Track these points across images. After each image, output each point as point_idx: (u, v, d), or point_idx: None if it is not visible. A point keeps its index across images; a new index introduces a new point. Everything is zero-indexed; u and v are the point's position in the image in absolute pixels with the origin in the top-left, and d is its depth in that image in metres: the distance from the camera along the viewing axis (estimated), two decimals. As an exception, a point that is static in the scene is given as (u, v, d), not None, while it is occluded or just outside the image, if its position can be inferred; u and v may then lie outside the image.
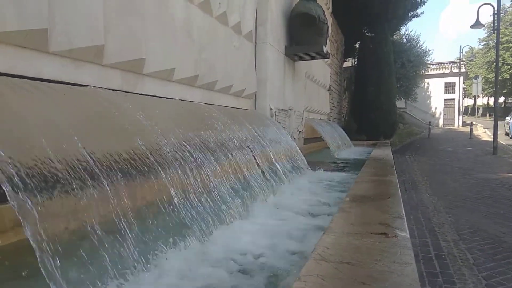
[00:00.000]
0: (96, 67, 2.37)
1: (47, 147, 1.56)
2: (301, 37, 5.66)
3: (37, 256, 1.19)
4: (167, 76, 3.01)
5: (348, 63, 17.35)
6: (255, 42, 4.99)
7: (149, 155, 2.09)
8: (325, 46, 5.95)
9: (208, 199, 2.20)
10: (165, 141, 2.32)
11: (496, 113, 11.95)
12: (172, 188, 2.05)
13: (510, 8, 33.68)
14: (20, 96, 1.71)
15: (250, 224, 2.24)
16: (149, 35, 2.71)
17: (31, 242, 1.19)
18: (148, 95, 2.85)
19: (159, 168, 2.05)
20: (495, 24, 10.45)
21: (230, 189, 2.55)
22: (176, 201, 1.93)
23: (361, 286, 0.88)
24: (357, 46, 16.50)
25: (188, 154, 2.40)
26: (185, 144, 2.50)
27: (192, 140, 2.62)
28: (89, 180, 1.64)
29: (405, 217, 1.56)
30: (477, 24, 12.17)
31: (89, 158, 1.71)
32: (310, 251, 1.16)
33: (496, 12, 10.16)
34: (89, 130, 1.95)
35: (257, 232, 2.04)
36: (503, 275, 3.22)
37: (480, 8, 12.84)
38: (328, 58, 6.85)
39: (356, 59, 16.92)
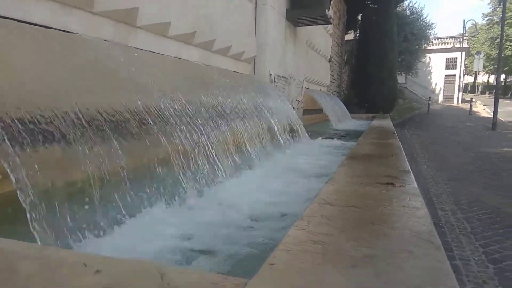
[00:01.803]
0: (86, 14, 2.21)
1: (37, 97, 1.45)
2: (303, 0, 5.43)
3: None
4: (162, 30, 2.85)
5: (350, 35, 16.92)
6: (256, 4, 4.78)
7: (149, 118, 1.98)
8: (328, 10, 5.73)
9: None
10: (166, 103, 2.20)
11: (497, 89, 11.80)
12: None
13: (517, -18, 32.74)
14: (6, 39, 1.58)
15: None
16: (143, -16, 2.53)
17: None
18: (142, 49, 2.70)
19: (160, 133, 1.95)
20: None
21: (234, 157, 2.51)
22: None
23: (370, 226, 0.80)
24: (359, 18, 16.08)
25: (189, 120, 2.29)
26: (187, 108, 2.39)
27: (194, 104, 2.51)
28: (92, 136, 1.55)
29: (411, 172, 1.48)
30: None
31: (81, 114, 1.60)
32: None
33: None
34: (82, 82, 1.83)
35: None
36: (500, 244, 3.20)
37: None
38: (331, 23, 6.63)
39: (358, 32, 16.50)
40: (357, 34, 16.64)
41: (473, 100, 21.53)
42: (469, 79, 49.98)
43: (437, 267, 0.62)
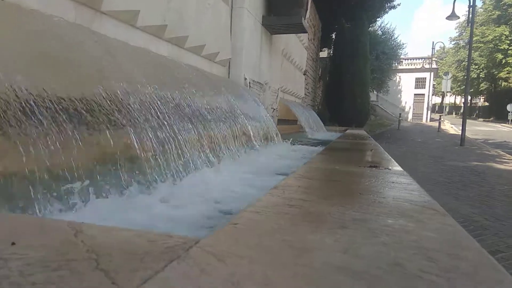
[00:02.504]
0: (43, -9, 2.01)
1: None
2: (280, 7, 5.39)
3: None
4: (130, 19, 2.67)
5: (324, 53, 17.27)
6: (232, 6, 4.69)
7: (115, 111, 1.78)
8: (304, 19, 5.72)
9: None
10: (134, 96, 2.01)
11: (465, 106, 12.21)
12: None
13: (481, 9, 34.76)
14: None
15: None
16: (109, -34, 2.36)
17: None
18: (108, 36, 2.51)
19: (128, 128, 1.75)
20: (470, 17, 10.58)
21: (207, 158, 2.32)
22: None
23: (358, 196, 0.66)
24: (334, 37, 16.47)
25: (160, 118, 2.09)
26: (157, 103, 2.19)
27: (164, 99, 2.32)
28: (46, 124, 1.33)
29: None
30: (452, 16, 12.33)
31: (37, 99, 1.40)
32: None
33: (471, 5, 10.28)
34: (40, 64, 1.62)
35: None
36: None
37: (455, 3, 13.01)
38: (307, 32, 6.63)
39: (332, 49, 16.89)
40: (331, 52, 17.01)
41: (442, 118, 22.27)
42: (437, 99, 52.00)
43: (451, 230, 0.48)
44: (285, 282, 0.48)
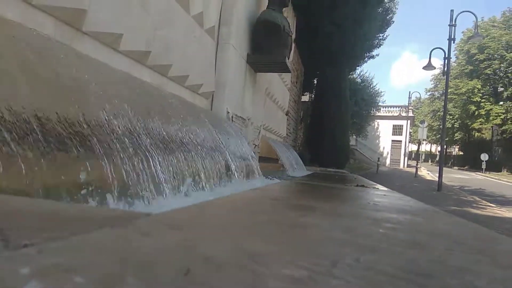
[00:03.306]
0: (22, 4, 1.94)
1: None
2: (264, 45, 5.50)
3: None
4: (112, 42, 2.62)
5: (306, 97, 17.77)
6: (217, 42, 4.74)
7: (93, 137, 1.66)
8: (289, 59, 5.85)
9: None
10: (116, 123, 1.90)
11: (442, 153, 12.54)
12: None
13: (454, 63, 36.91)
14: None
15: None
16: (95, -13, 2.33)
17: None
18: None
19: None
20: (445, 69, 11.13)
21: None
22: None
23: (348, 200, 0.58)
24: (315, 82, 17.06)
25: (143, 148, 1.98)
26: (139, 133, 2.09)
27: (150, 129, 2.22)
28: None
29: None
30: (429, 66, 12.96)
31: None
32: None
33: (446, 56, 10.86)
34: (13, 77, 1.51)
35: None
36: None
37: (434, 52, 13.78)
38: (290, 72, 6.77)
39: (313, 93, 17.41)
40: (313, 96, 17.51)
41: (418, 165, 22.77)
42: (413, 147, 53.58)
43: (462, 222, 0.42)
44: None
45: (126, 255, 0.47)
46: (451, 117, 38.08)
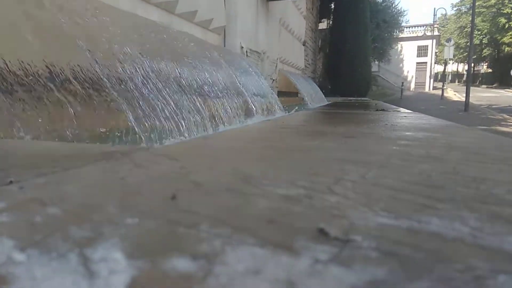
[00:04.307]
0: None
1: None
2: (275, -30, 5.15)
3: None
4: (115, -19, 2.51)
5: (323, 24, 16.85)
6: (224, -30, 4.47)
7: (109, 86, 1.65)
8: (301, -17, 5.48)
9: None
10: (127, 68, 1.87)
11: (469, 72, 11.98)
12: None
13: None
14: None
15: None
16: None
17: None
18: None
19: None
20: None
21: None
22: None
23: (364, 123, 0.57)
24: (333, 7, 16.05)
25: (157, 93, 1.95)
26: (151, 76, 2.06)
27: (162, 72, 2.17)
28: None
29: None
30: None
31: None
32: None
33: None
34: (15, 29, 1.49)
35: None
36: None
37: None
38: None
39: (331, 20, 16.49)
40: (331, 22, 16.60)
41: (444, 86, 21.95)
42: (439, 68, 51.22)
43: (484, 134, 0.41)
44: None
45: (112, 186, 0.48)
46: (479, 32, 35.64)
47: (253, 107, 3.04)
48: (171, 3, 3.22)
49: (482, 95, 22.36)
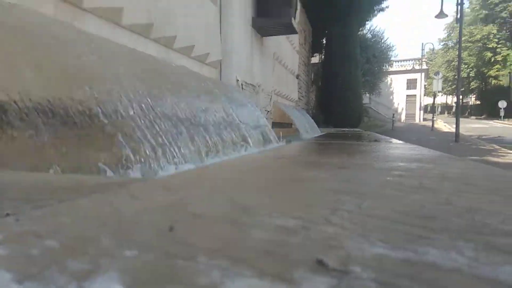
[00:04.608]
0: (19, -14, 1.93)
1: None
2: (269, 8, 5.35)
3: None
4: (114, 16, 2.59)
5: (315, 59, 17.34)
6: (220, 8, 4.63)
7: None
8: (294, 19, 5.69)
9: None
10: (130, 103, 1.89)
11: (458, 104, 12.26)
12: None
13: (468, 9, 35.24)
14: None
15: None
16: (90, -39, 2.29)
17: None
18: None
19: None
20: (459, 15, 10.65)
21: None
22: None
23: (357, 154, 0.58)
24: (324, 42, 16.60)
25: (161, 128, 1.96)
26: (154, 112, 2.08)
27: (160, 103, 2.20)
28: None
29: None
30: (441, 14, 12.44)
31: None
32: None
33: (459, 2, 10.36)
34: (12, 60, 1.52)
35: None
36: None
37: (443, 2, 13.15)
38: (297, 33, 6.62)
39: (323, 55, 17.01)
40: (322, 57, 17.10)
41: (434, 117, 22.36)
42: (429, 100, 52.38)
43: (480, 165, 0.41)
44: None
45: (109, 217, 0.48)
46: (466, 66, 36.82)
47: (249, 138, 3.07)
48: (170, 39, 3.31)
49: (472, 126, 22.78)
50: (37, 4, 2.00)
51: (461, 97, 44.92)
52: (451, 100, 52.63)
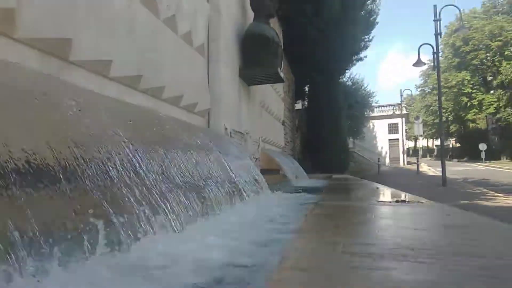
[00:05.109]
0: (4, 39, 1.84)
1: None
2: (255, 59, 5.43)
3: None
4: (102, 69, 2.52)
5: (298, 105, 17.73)
6: (208, 59, 4.66)
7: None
8: (281, 69, 5.78)
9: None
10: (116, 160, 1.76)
11: (442, 148, 12.49)
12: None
13: (441, 57, 37.24)
14: None
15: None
16: (78, 15, 2.24)
17: None
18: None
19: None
20: (435, 64, 11.15)
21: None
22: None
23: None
24: (306, 89, 17.10)
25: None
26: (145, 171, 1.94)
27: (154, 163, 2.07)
28: None
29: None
30: (418, 63, 12.99)
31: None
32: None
33: (435, 51, 10.88)
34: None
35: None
36: None
37: (420, 48, 13.79)
38: (284, 81, 6.70)
39: (306, 101, 17.44)
40: (306, 103, 17.50)
41: (419, 161, 22.68)
42: (410, 143, 53.59)
43: None
44: None
45: None
46: (444, 110, 38.13)
47: (243, 191, 2.94)
48: (158, 89, 3.25)
49: (455, 169, 23.13)
50: (21, 60, 1.91)
51: (440, 141, 46.22)
52: (431, 143, 54.01)
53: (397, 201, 0.90)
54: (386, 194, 2.52)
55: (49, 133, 1.54)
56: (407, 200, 0.92)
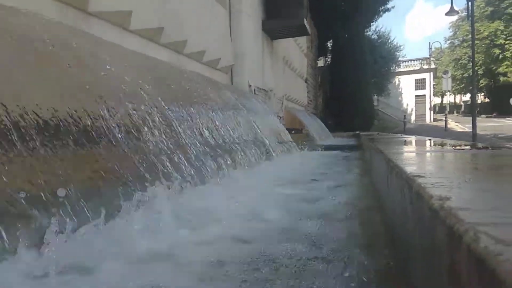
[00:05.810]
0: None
1: None
2: (279, 8, 5.12)
3: None
4: (122, 21, 2.38)
5: (320, 62, 17.08)
6: (230, 11, 4.42)
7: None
8: (306, 20, 5.46)
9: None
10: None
11: (474, 101, 11.93)
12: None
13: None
14: None
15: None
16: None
17: None
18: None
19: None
20: (469, 12, 10.36)
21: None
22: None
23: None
24: (329, 45, 16.38)
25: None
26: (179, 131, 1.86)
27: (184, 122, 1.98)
28: None
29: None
30: (451, 11, 12.16)
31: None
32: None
33: (470, -3, 10.08)
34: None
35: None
36: None
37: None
38: (310, 34, 6.38)
39: (329, 58, 16.79)
40: (328, 60, 16.86)
41: (447, 117, 21.91)
42: (437, 100, 51.69)
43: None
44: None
45: None
46: (475, 63, 36.33)
47: (271, 150, 2.85)
48: (180, 43, 3.09)
49: (485, 124, 22.25)
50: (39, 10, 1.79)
51: (469, 96, 44.33)
52: (459, 99, 52.02)
53: (484, 147, 0.80)
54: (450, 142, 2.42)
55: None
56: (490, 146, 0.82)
